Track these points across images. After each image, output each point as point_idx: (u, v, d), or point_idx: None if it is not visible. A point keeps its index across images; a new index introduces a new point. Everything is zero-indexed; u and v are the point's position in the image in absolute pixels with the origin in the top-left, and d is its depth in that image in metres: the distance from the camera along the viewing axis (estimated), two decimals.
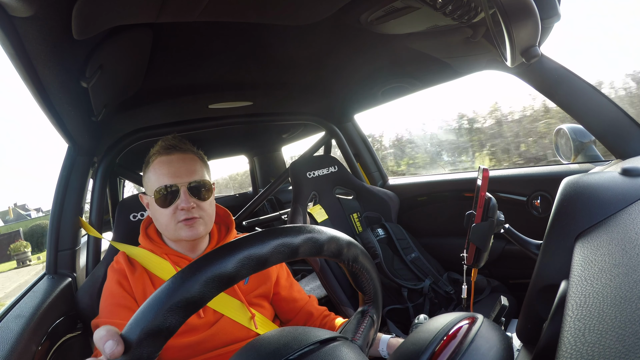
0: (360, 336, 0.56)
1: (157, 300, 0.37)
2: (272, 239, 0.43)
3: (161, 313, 0.36)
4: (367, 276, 0.56)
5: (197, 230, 0.87)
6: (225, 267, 0.39)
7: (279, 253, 0.43)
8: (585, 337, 0.29)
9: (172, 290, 0.37)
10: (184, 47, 1.00)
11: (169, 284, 0.37)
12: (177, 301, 0.36)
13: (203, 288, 0.38)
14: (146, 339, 0.36)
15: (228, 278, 0.39)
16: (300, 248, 0.45)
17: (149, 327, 0.36)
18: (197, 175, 0.88)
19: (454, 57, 1.20)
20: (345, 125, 1.98)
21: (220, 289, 0.39)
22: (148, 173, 0.90)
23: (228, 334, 0.87)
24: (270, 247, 0.42)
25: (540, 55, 0.98)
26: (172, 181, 0.85)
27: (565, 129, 1.24)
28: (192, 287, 0.37)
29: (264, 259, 0.42)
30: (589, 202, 0.49)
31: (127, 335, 0.36)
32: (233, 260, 0.40)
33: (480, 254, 0.74)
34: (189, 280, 0.37)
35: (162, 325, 0.36)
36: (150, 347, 0.36)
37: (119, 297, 0.85)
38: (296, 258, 0.45)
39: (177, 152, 0.89)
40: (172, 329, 0.37)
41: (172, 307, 0.36)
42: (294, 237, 0.44)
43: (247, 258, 0.40)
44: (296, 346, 0.44)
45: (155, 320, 0.36)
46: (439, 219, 1.75)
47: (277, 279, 1.00)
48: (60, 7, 0.56)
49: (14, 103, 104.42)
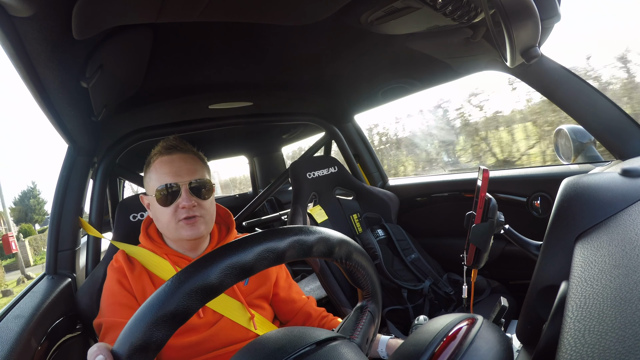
0: (359, 333, 0.55)
1: (142, 315, 0.37)
2: (255, 246, 0.42)
3: (147, 328, 0.36)
4: (362, 272, 0.55)
5: (198, 229, 0.87)
6: (208, 279, 0.39)
7: (264, 259, 0.42)
8: (585, 338, 0.29)
9: (156, 304, 0.37)
10: (184, 47, 1.00)
11: (153, 299, 0.38)
12: (161, 315, 0.37)
13: (186, 301, 0.38)
14: (135, 354, 0.36)
15: (211, 289, 0.39)
16: (286, 252, 0.44)
17: (137, 342, 0.36)
18: (197, 174, 0.89)
19: (454, 57, 1.20)
20: (345, 126, 1.98)
21: (205, 300, 0.39)
22: (149, 173, 0.90)
23: (227, 335, 0.87)
24: (254, 254, 0.41)
25: (540, 55, 0.98)
26: (173, 180, 0.86)
27: (565, 130, 1.24)
28: (176, 300, 0.37)
29: (249, 266, 0.41)
30: (589, 202, 0.49)
31: (117, 350, 0.37)
32: (216, 271, 0.39)
33: (480, 254, 0.74)
34: (174, 294, 0.37)
35: (149, 340, 0.36)
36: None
37: (119, 296, 0.85)
38: (284, 262, 0.44)
39: (178, 152, 0.90)
40: (159, 342, 0.37)
41: (157, 321, 0.36)
42: (279, 241, 0.43)
43: (229, 267, 0.40)
44: (295, 347, 0.44)
45: (143, 335, 0.36)
46: (438, 219, 1.75)
47: (276, 280, 1.00)
48: (60, 7, 0.56)
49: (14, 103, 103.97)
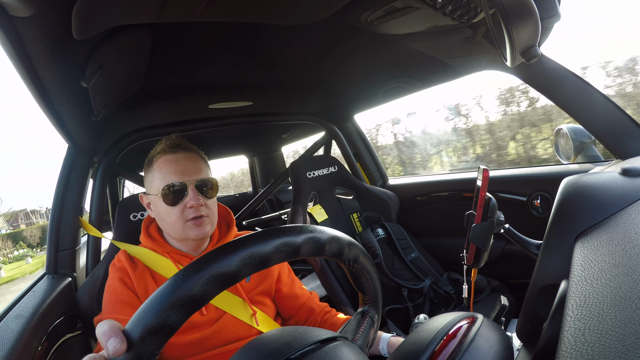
0: (361, 336, 0.56)
1: (159, 298, 0.37)
2: (274, 238, 0.43)
3: (163, 310, 0.36)
4: (367, 277, 0.56)
5: (205, 229, 0.87)
6: (227, 266, 0.39)
7: (280, 252, 0.43)
8: (585, 337, 0.29)
9: (174, 287, 0.37)
10: (184, 47, 1.00)
11: (172, 282, 0.38)
12: (179, 299, 0.37)
13: (205, 286, 0.38)
14: (148, 337, 0.36)
15: (230, 276, 0.39)
16: (302, 248, 0.45)
17: (151, 324, 0.36)
18: (203, 173, 0.88)
19: (454, 57, 1.20)
20: (345, 125, 1.98)
21: (222, 288, 0.40)
22: (152, 172, 0.89)
23: (230, 332, 0.87)
24: (272, 246, 0.42)
25: (540, 55, 0.98)
26: (179, 179, 0.85)
27: (565, 129, 1.24)
28: (195, 285, 0.37)
29: (266, 258, 0.42)
30: (589, 202, 0.49)
31: (129, 332, 0.36)
32: (235, 259, 0.40)
33: (480, 253, 0.74)
34: (192, 278, 0.38)
35: (164, 323, 0.36)
36: (152, 345, 0.36)
37: (121, 294, 0.85)
38: (298, 258, 0.45)
39: (183, 150, 0.89)
40: (174, 326, 0.37)
41: (174, 304, 0.36)
42: (296, 237, 0.44)
43: (249, 257, 0.41)
44: (297, 345, 0.44)
45: (158, 317, 0.36)
46: (439, 219, 1.75)
47: (278, 276, 1.00)
48: (60, 7, 0.56)
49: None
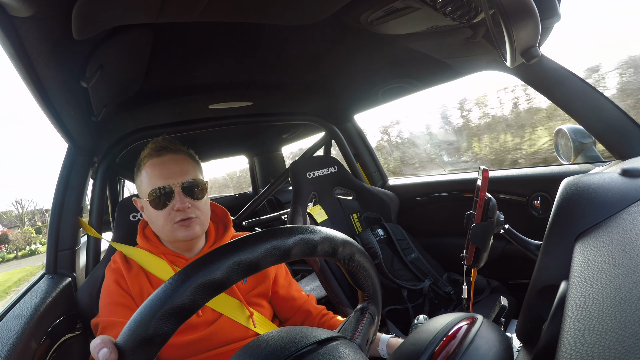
0: (360, 334, 0.56)
1: (148, 309, 0.37)
2: (262, 243, 0.42)
3: (153, 321, 0.36)
4: (364, 274, 0.55)
5: (194, 230, 0.87)
6: (215, 274, 0.39)
7: (270, 256, 0.42)
8: (585, 338, 0.29)
9: (162, 298, 0.37)
10: (184, 47, 1.00)
11: (160, 292, 0.38)
12: (168, 309, 0.37)
13: (193, 295, 0.38)
14: (140, 347, 0.36)
15: (218, 284, 0.39)
16: (292, 250, 0.44)
17: (141, 335, 0.36)
18: (189, 175, 0.88)
19: (454, 57, 1.20)
20: (345, 126, 1.98)
21: (211, 295, 0.39)
22: (140, 176, 0.89)
23: (227, 333, 0.87)
24: (260, 251, 0.42)
25: (540, 55, 0.98)
26: (165, 182, 0.85)
27: (565, 130, 1.24)
28: (183, 294, 0.37)
29: (255, 263, 0.41)
30: (589, 202, 0.49)
31: (121, 343, 0.36)
32: (223, 266, 0.39)
33: (480, 254, 0.74)
34: (179, 288, 0.37)
35: (154, 333, 0.36)
36: (144, 355, 0.36)
37: (117, 296, 0.85)
38: (289, 260, 0.45)
39: (169, 153, 0.88)
40: (164, 336, 0.37)
41: (163, 315, 0.36)
42: (286, 240, 0.44)
43: (237, 263, 0.40)
44: (295, 346, 0.44)
45: (148, 328, 0.36)
46: (438, 219, 1.75)
47: (275, 278, 1.00)
48: (60, 7, 0.56)
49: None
